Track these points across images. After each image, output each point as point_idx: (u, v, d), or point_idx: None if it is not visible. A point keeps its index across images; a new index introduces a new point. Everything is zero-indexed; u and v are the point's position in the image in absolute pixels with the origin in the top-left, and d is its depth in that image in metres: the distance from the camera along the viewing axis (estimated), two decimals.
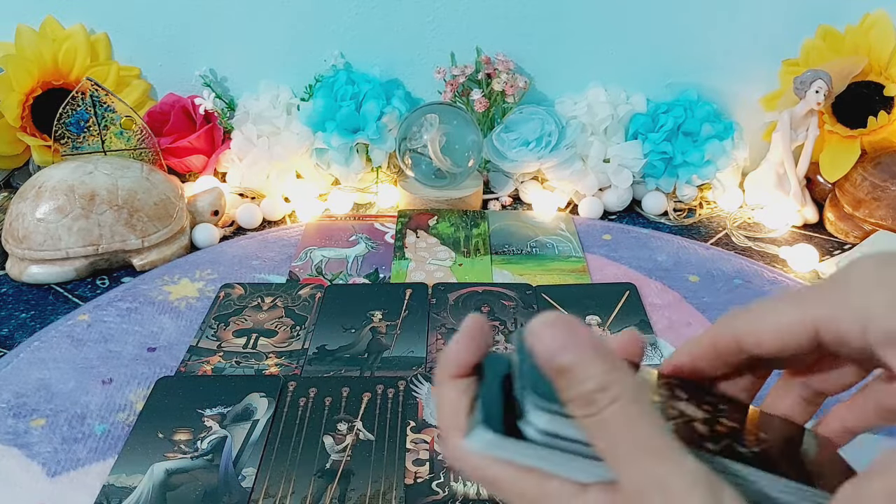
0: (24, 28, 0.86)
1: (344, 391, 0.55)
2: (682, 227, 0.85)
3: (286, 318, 0.66)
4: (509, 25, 0.90)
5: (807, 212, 0.84)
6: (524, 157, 0.87)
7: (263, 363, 0.60)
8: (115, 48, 0.91)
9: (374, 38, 0.91)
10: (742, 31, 0.88)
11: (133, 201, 0.73)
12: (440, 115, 0.84)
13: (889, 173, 0.79)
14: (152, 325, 0.65)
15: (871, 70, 0.83)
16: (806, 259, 0.75)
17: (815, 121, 0.82)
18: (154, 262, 0.75)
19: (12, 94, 0.85)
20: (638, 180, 0.89)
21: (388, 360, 0.60)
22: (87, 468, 0.50)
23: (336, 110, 0.87)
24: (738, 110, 0.92)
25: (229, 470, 0.49)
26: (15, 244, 0.72)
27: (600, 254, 0.77)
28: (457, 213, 0.84)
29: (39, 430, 0.53)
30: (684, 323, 0.66)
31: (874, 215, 0.79)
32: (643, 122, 0.89)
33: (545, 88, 0.94)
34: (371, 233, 0.81)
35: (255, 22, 0.90)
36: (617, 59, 0.91)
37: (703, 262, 0.75)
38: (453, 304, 0.67)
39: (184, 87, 0.93)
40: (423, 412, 0.54)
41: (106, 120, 0.82)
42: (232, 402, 0.54)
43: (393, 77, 0.93)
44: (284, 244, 0.79)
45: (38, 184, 0.73)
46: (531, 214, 0.86)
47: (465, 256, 0.76)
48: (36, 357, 0.61)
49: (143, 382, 0.58)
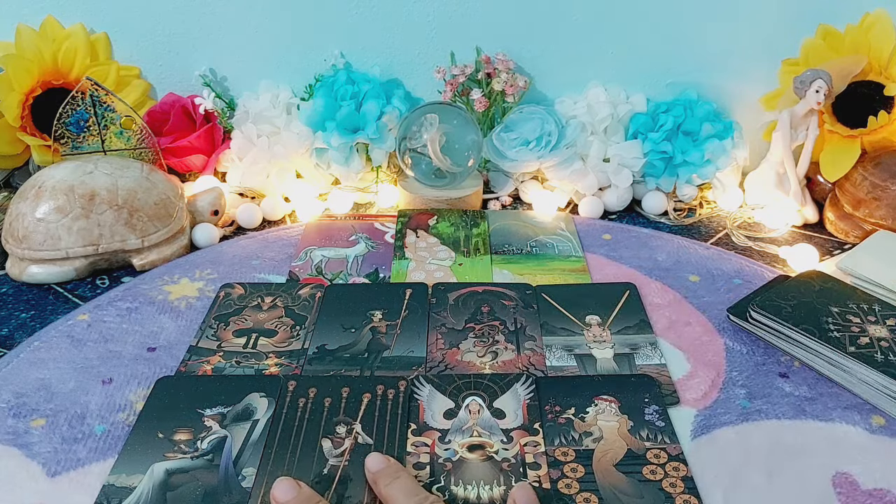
0: (24, 28, 0.86)
1: (344, 392, 0.55)
2: (682, 226, 0.85)
3: (286, 317, 0.66)
4: (509, 25, 0.90)
5: (807, 211, 0.84)
6: (524, 157, 0.87)
7: (263, 363, 0.60)
8: (115, 48, 0.91)
9: (374, 38, 0.91)
10: (742, 31, 0.88)
11: (133, 201, 0.73)
12: (440, 115, 0.84)
13: (889, 173, 0.79)
14: (152, 325, 0.65)
15: (871, 70, 0.83)
16: (806, 259, 0.75)
17: (815, 120, 0.82)
18: (154, 261, 0.75)
19: (12, 93, 0.85)
20: (638, 180, 0.89)
21: (387, 359, 0.60)
22: (87, 468, 0.50)
23: (336, 110, 0.87)
24: (737, 110, 0.92)
25: (229, 470, 0.49)
26: (15, 244, 0.72)
27: (600, 253, 0.77)
28: (457, 213, 0.84)
29: (39, 430, 0.53)
30: (684, 323, 0.66)
31: (874, 215, 0.79)
32: (643, 122, 0.89)
33: (545, 88, 0.94)
34: (371, 233, 0.81)
35: (255, 22, 0.90)
36: (617, 59, 0.91)
37: (703, 262, 0.75)
38: (453, 304, 0.67)
39: (184, 87, 0.93)
40: (424, 415, 0.54)
41: (106, 120, 0.82)
42: (232, 402, 0.54)
43: (393, 77, 0.93)
44: (284, 244, 0.79)
45: (38, 184, 0.73)
46: (531, 214, 0.86)
47: (465, 256, 0.76)
48: (36, 357, 0.61)
49: (143, 382, 0.58)
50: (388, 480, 0.45)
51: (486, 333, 0.63)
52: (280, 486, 0.44)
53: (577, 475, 0.48)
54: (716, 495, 0.47)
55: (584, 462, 0.49)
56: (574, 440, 0.51)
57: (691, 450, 0.51)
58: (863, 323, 0.61)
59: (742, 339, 0.64)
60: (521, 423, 0.53)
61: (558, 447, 0.51)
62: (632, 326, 0.64)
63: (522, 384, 0.56)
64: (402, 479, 0.45)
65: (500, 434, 0.52)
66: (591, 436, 0.52)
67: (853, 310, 0.62)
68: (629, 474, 0.48)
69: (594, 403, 0.54)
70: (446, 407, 0.54)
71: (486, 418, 0.53)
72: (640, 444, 0.51)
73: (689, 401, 0.56)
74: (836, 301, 0.63)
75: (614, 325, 0.64)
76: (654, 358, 0.60)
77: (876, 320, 0.61)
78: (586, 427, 0.52)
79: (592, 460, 0.49)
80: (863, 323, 0.61)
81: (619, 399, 0.55)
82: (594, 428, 0.52)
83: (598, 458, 0.50)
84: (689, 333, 0.64)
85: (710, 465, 0.50)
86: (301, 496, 0.44)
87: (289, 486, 0.44)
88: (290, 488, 0.44)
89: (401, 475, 0.45)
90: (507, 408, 0.54)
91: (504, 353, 0.61)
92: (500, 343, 0.62)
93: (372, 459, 0.47)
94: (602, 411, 0.54)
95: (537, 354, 0.61)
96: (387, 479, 0.45)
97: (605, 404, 0.54)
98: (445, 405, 0.54)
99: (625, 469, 0.49)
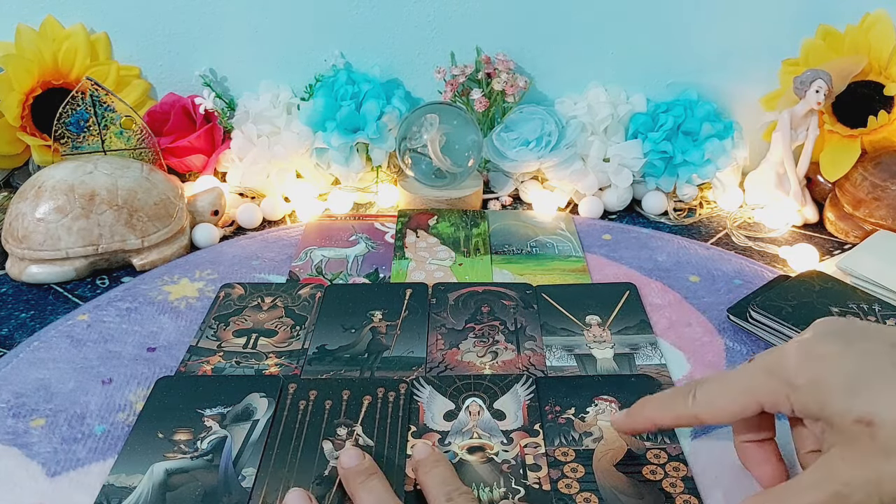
0: (24, 28, 0.86)
1: (344, 394, 0.55)
2: (682, 226, 0.85)
3: (286, 317, 0.65)
4: (509, 25, 0.90)
5: (807, 211, 0.84)
6: (524, 157, 0.87)
7: (263, 363, 0.60)
8: (115, 48, 0.91)
9: (374, 38, 0.91)
10: (742, 31, 0.88)
11: (133, 201, 0.73)
12: (440, 115, 0.84)
13: (889, 173, 0.79)
14: (152, 325, 0.65)
15: (871, 70, 0.83)
16: (806, 259, 0.75)
17: (815, 120, 0.82)
18: (154, 262, 0.75)
19: (12, 93, 0.85)
20: (638, 180, 0.89)
21: (387, 360, 0.60)
22: (87, 468, 0.50)
23: (336, 110, 0.87)
24: (738, 110, 0.92)
25: (229, 470, 0.49)
26: (15, 244, 0.72)
27: (600, 254, 0.77)
28: (457, 213, 0.84)
29: (39, 430, 0.53)
30: (684, 323, 0.66)
31: (874, 215, 0.79)
32: (643, 122, 0.89)
33: (545, 88, 0.94)
34: (371, 233, 0.81)
35: (255, 22, 0.90)
36: (617, 59, 0.91)
37: (703, 262, 0.75)
38: (453, 304, 0.67)
39: (184, 87, 0.93)
40: (423, 416, 0.53)
41: (106, 120, 0.82)
42: (232, 402, 0.54)
43: (393, 77, 0.93)
44: (284, 244, 0.79)
45: (37, 183, 0.73)
46: (531, 214, 0.86)
47: (465, 256, 0.76)
48: (36, 357, 0.61)
49: (143, 382, 0.58)
50: (428, 468, 0.45)
51: (486, 333, 0.63)
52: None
53: (577, 475, 0.48)
54: (716, 495, 0.47)
55: (585, 462, 0.49)
56: (574, 440, 0.51)
57: (691, 450, 0.51)
58: None
59: (742, 340, 0.64)
60: (522, 425, 0.52)
61: (558, 447, 0.51)
62: (632, 327, 0.64)
63: (522, 385, 0.56)
64: (440, 468, 0.45)
65: (500, 435, 0.52)
66: (591, 436, 0.52)
67: (853, 310, 0.62)
68: (629, 474, 0.48)
69: (594, 403, 0.54)
70: (446, 408, 0.54)
71: (486, 419, 0.53)
72: (640, 444, 0.51)
73: None
74: (836, 301, 0.63)
75: (614, 325, 0.64)
76: (654, 358, 0.60)
77: (876, 320, 0.61)
78: (586, 427, 0.52)
79: (592, 460, 0.49)
80: None
81: (619, 399, 0.55)
82: (594, 428, 0.52)
83: (598, 458, 0.50)
84: (689, 334, 0.64)
85: (711, 465, 0.50)
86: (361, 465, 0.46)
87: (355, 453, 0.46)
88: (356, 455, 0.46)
89: (440, 464, 0.46)
90: (508, 409, 0.54)
91: (504, 353, 0.61)
92: (500, 343, 0.62)
93: (417, 448, 0.47)
94: (602, 411, 0.54)
95: (537, 354, 0.61)
96: (426, 467, 0.46)
97: (605, 404, 0.54)
98: (445, 407, 0.54)
99: (625, 469, 0.49)
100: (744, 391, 0.41)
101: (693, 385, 0.44)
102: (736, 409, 0.41)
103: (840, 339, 0.38)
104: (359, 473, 0.45)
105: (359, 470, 0.45)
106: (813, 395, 0.37)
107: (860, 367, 0.37)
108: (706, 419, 0.43)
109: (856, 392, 0.36)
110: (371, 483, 0.44)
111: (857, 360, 0.37)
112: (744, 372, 0.42)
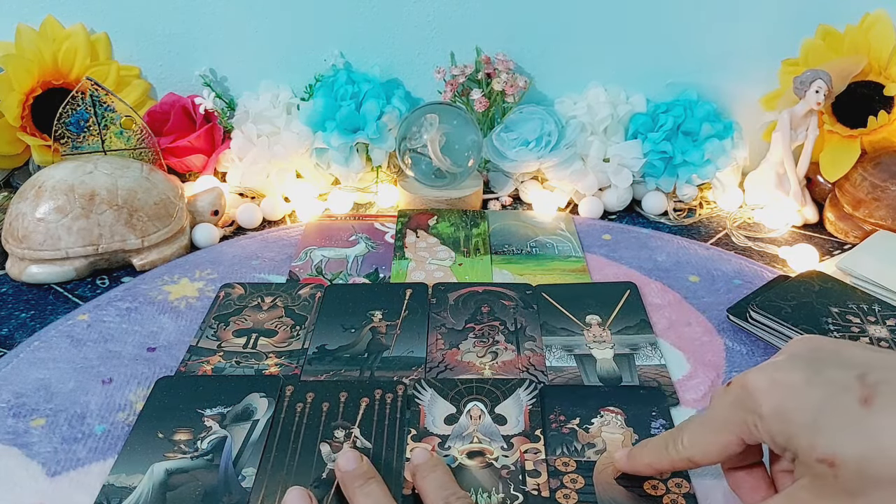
0: (24, 28, 0.86)
1: (342, 396, 0.55)
2: (682, 227, 0.85)
3: (286, 317, 0.65)
4: (509, 25, 0.90)
5: (807, 212, 0.84)
6: (524, 157, 0.87)
7: (263, 363, 0.60)
8: (115, 48, 0.91)
9: (374, 38, 0.91)
10: (742, 31, 0.88)
11: (133, 201, 0.73)
12: (440, 115, 0.84)
13: (889, 173, 0.79)
14: (152, 325, 0.65)
15: (871, 70, 0.83)
16: (806, 259, 0.75)
17: (814, 121, 0.82)
18: (154, 261, 0.75)
19: (12, 93, 0.85)
20: (638, 180, 0.89)
21: (387, 360, 0.60)
22: (87, 468, 0.50)
23: (336, 110, 0.87)
24: (737, 110, 0.92)
25: (229, 470, 0.49)
26: (15, 244, 0.72)
27: (600, 254, 0.77)
28: (457, 213, 0.84)
29: (39, 429, 0.53)
30: (684, 323, 0.66)
31: (874, 215, 0.79)
32: (643, 122, 0.89)
33: (545, 88, 0.94)
34: (371, 233, 0.81)
35: (256, 22, 0.90)
36: (617, 59, 0.91)
37: (703, 262, 0.75)
38: (453, 304, 0.67)
39: (184, 87, 0.93)
40: (424, 420, 0.53)
41: (106, 119, 0.82)
42: (232, 402, 0.54)
43: (393, 77, 0.93)
44: (284, 244, 0.79)
45: (38, 183, 0.73)
46: (531, 214, 0.86)
47: (465, 256, 0.76)
48: (36, 357, 0.61)
49: (143, 382, 0.58)
50: (426, 473, 0.45)
51: (486, 334, 0.63)
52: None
53: (576, 486, 0.48)
54: (716, 496, 0.47)
55: (585, 473, 0.49)
56: (576, 451, 0.50)
57: None
58: (863, 323, 0.61)
59: (742, 340, 0.64)
60: (522, 430, 0.52)
61: (560, 456, 0.50)
62: (632, 326, 0.64)
63: (525, 389, 0.56)
64: (438, 473, 0.45)
65: (500, 440, 0.51)
66: (593, 447, 0.51)
67: (853, 310, 0.62)
68: (630, 488, 0.47)
69: (600, 414, 0.54)
70: (448, 412, 0.54)
71: (486, 424, 0.53)
72: None
73: (689, 401, 0.56)
74: (835, 301, 0.63)
75: (614, 325, 0.64)
76: (653, 358, 0.60)
77: (876, 320, 0.61)
78: (590, 438, 0.51)
79: (593, 472, 0.49)
80: (863, 323, 0.61)
81: (625, 411, 0.54)
82: (598, 439, 0.51)
83: (599, 470, 0.49)
84: (688, 334, 0.64)
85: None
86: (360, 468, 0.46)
87: (352, 456, 0.46)
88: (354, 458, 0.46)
89: (438, 469, 0.46)
90: (509, 413, 0.54)
91: (504, 353, 0.61)
92: (499, 343, 0.62)
93: (415, 452, 0.47)
94: (607, 423, 0.53)
95: (537, 355, 0.61)
96: (424, 472, 0.46)
97: (611, 416, 0.53)
98: (447, 410, 0.54)
99: (626, 483, 0.48)
100: (720, 428, 0.40)
101: (679, 430, 0.43)
102: (720, 448, 0.41)
103: (808, 367, 0.37)
104: (356, 477, 0.45)
105: (357, 474, 0.45)
106: (778, 425, 0.37)
107: (823, 402, 0.36)
108: (700, 461, 0.42)
109: (818, 429, 0.35)
110: (369, 487, 0.44)
111: (821, 393, 0.36)
112: (718, 407, 0.41)
